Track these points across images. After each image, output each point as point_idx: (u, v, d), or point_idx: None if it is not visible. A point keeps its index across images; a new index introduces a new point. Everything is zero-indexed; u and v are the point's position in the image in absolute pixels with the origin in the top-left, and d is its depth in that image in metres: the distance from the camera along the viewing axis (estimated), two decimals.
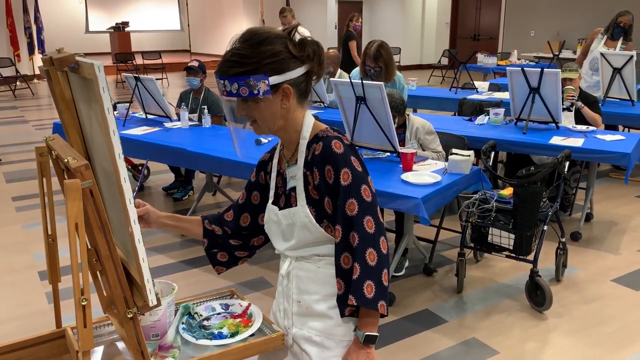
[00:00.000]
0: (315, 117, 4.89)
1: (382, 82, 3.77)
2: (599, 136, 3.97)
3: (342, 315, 1.33)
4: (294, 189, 1.37)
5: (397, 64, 15.09)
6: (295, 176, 1.36)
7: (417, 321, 2.97)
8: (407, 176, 3.05)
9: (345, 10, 16.12)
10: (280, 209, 1.40)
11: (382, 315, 1.29)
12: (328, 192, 1.31)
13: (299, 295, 1.41)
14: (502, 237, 3.01)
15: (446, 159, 3.31)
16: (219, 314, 1.50)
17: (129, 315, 1.14)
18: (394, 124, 3.43)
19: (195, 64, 4.75)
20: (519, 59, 10.30)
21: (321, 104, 5.39)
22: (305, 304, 1.41)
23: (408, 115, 3.57)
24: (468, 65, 9.88)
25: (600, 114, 4.41)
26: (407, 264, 3.60)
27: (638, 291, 3.25)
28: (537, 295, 3.04)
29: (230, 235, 1.57)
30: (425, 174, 3.09)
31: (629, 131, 5.87)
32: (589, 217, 4.29)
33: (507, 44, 13.45)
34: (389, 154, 3.50)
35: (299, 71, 1.29)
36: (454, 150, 3.25)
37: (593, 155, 3.70)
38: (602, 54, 5.25)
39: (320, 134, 1.33)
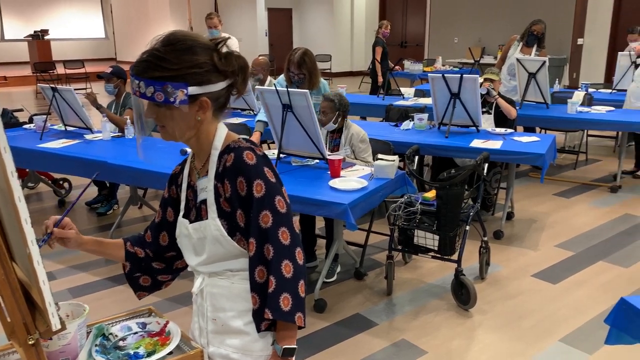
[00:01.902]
0: (244, 125, 4.82)
1: (307, 90, 3.80)
2: (516, 138, 4.18)
3: (259, 330, 1.31)
4: (204, 201, 1.33)
5: (328, 70, 15.10)
6: (206, 188, 1.33)
7: (349, 326, 2.99)
8: (335, 182, 3.08)
9: (275, 17, 16.14)
10: (191, 222, 1.37)
11: (300, 327, 1.28)
12: (240, 205, 1.28)
13: (214, 313, 1.38)
14: (427, 238, 3.09)
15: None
16: (135, 333, 1.45)
17: (30, 342, 1.08)
18: (336, 124, 3.51)
19: (108, 70, 4.60)
20: (443, 65, 10.68)
21: (251, 112, 5.36)
22: (220, 322, 1.37)
23: (346, 120, 3.64)
24: (396, 72, 10.15)
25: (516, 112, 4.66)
26: (339, 269, 3.63)
27: (555, 285, 3.43)
28: (462, 294, 3.14)
29: (152, 258, 1.51)
30: (353, 179, 3.13)
31: (545, 132, 6.21)
32: (510, 216, 4.49)
33: (432, 50, 13.90)
34: (317, 161, 3.52)
35: (220, 85, 1.26)
36: (380, 156, 3.32)
37: (510, 156, 3.89)
38: (518, 60, 5.52)
39: (232, 144, 1.30)
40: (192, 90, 1.22)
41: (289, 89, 3.24)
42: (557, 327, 2.95)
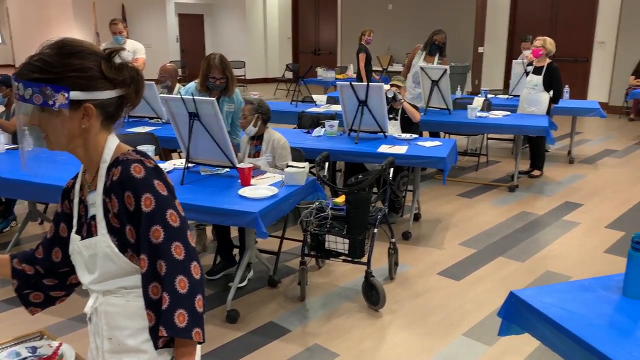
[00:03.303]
0: (151, 134, 4.66)
1: (221, 96, 3.78)
2: (420, 143, 4.37)
3: (156, 347, 1.28)
4: (94, 217, 1.29)
5: (243, 77, 14.94)
6: (95, 203, 1.28)
7: (262, 334, 2.99)
8: (245, 191, 3.07)
9: (186, 23, 15.83)
10: (83, 238, 1.32)
11: (199, 342, 1.25)
12: (129, 220, 1.24)
13: (110, 332, 1.34)
14: (338, 242, 3.16)
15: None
16: (25, 358, 1.38)
17: None
18: (256, 127, 3.58)
19: None
20: (355, 73, 10.93)
21: (158, 120, 5.22)
22: (117, 341, 1.33)
23: (267, 127, 3.65)
24: (310, 79, 10.29)
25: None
26: (251, 274, 3.63)
27: (459, 281, 3.61)
28: (372, 295, 3.23)
29: (43, 274, 1.45)
30: (263, 187, 3.14)
31: (449, 137, 6.53)
32: (417, 217, 4.68)
33: (345, 58, 14.21)
34: (227, 169, 3.50)
35: (108, 94, 1.24)
36: (290, 163, 3.35)
37: (415, 160, 4.06)
38: (422, 68, 5.78)
39: (121, 157, 1.26)
40: (75, 95, 1.19)
41: (194, 97, 3.19)
42: (461, 322, 3.11)
